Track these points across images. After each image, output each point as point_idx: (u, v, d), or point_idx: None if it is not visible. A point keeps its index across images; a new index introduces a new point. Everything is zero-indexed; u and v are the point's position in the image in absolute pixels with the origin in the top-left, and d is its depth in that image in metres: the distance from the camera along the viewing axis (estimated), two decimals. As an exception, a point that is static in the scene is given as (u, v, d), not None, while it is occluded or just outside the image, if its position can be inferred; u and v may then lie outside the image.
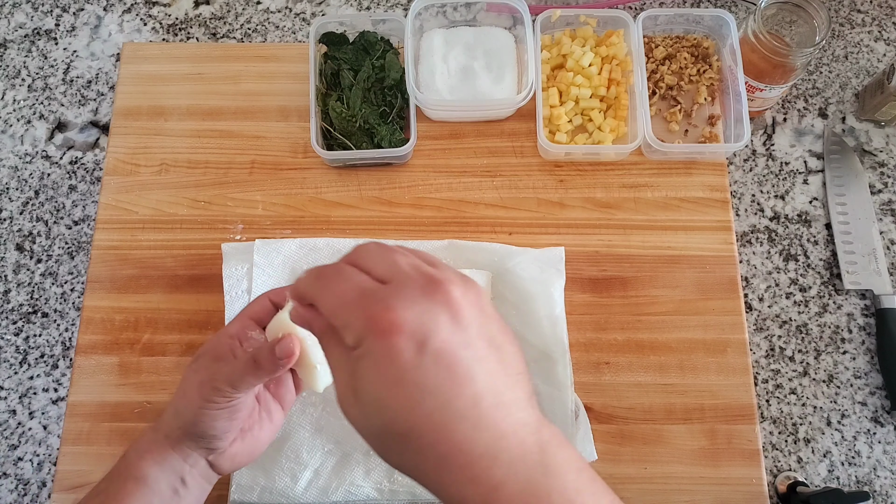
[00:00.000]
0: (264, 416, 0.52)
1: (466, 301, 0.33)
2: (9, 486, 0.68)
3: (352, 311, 0.33)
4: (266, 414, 0.52)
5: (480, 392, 0.32)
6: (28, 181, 0.77)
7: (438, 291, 0.33)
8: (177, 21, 0.83)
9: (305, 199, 0.72)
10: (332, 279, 0.35)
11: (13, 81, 0.81)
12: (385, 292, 0.33)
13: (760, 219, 0.76)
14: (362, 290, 0.34)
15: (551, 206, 0.72)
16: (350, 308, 0.33)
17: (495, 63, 0.74)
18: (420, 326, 0.32)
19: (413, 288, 0.33)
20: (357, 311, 0.33)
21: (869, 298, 0.73)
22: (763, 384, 0.70)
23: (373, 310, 0.32)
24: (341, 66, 0.73)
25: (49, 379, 0.71)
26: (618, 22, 0.74)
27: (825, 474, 0.68)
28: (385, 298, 0.32)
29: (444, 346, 0.32)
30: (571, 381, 0.65)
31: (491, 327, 0.34)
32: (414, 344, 0.31)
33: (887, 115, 0.77)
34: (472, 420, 0.31)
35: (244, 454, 0.51)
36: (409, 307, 0.32)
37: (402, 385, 0.31)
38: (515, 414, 0.33)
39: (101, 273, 0.70)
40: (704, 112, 0.75)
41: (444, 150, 0.74)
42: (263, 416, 0.52)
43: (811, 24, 0.70)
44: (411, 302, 0.32)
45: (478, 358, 0.32)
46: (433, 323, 0.32)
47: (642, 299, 0.69)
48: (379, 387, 0.32)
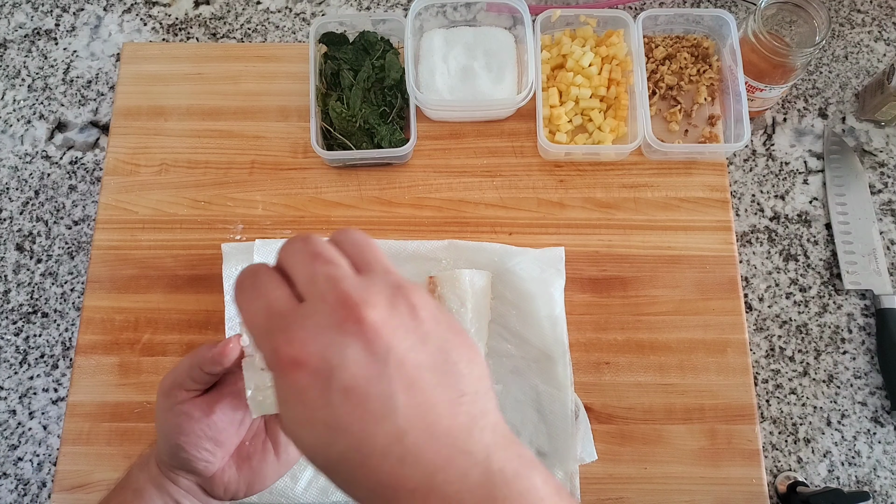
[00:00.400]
0: (269, 450, 0.47)
1: (390, 323, 0.29)
2: (9, 486, 0.68)
3: (259, 337, 0.30)
4: (274, 448, 0.47)
5: (403, 426, 0.28)
6: (28, 181, 0.77)
7: (349, 318, 0.29)
8: (177, 21, 0.83)
9: (305, 199, 0.72)
10: (247, 293, 0.32)
11: (13, 81, 0.81)
12: (291, 318, 0.30)
13: (760, 219, 0.76)
14: (270, 312, 0.30)
15: (551, 206, 0.72)
16: (258, 333, 0.31)
17: (495, 63, 0.74)
18: (324, 362, 0.28)
19: (322, 313, 0.29)
20: (263, 339, 0.30)
21: (869, 298, 0.73)
22: (763, 384, 0.70)
23: (276, 341, 0.29)
24: (341, 66, 0.73)
25: (49, 379, 0.71)
26: (618, 22, 0.74)
27: (825, 474, 0.68)
28: (288, 328, 0.29)
29: (353, 381, 0.28)
30: (571, 381, 0.65)
31: (429, 343, 0.30)
32: (319, 381, 0.28)
33: (887, 115, 0.77)
34: (395, 456, 0.28)
35: (240, 484, 0.46)
36: (314, 338, 0.29)
37: (312, 424, 0.29)
38: (457, 443, 0.29)
39: (101, 273, 0.70)
40: (704, 112, 0.75)
41: (444, 150, 0.74)
42: (268, 450, 0.47)
43: (811, 24, 0.70)
44: (316, 331, 0.29)
45: (402, 387, 0.29)
46: (339, 357, 0.28)
47: (642, 299, 0.69)
48: (292, 422, 0.29)
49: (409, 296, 0.30)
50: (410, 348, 0.29)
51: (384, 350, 0.29)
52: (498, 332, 0.66)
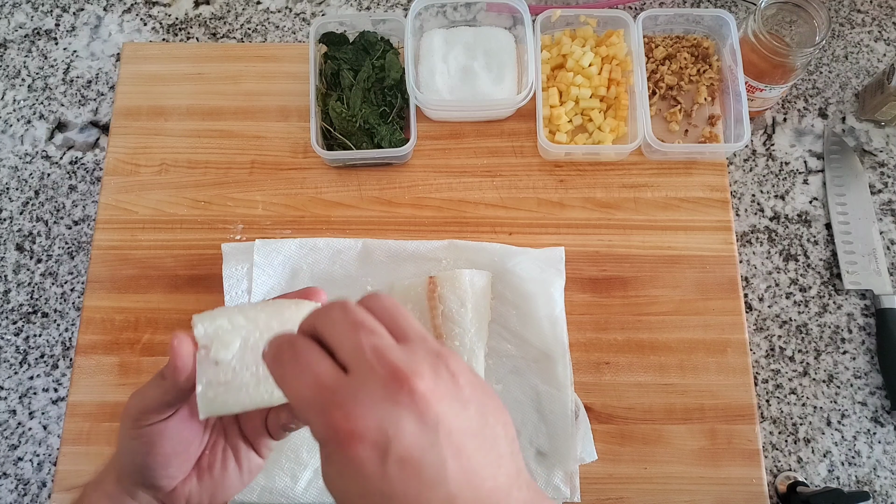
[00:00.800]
0: (230, 459, 0.45)
1: (437, 392, 0.30)
2: (9, 486, 0.68)
3: (311, 412, 0.31)
4: (235, 458, 0.45)
5: (454, 492, 0.30)
6: (28, 181, 0.77)
7: (402, 390, 0.30)
8: (177, 21, 0.83)
9: (305, 199, 0.72)
10: (290, 366, 0.32)
11: (13, 81, 0.81)
12: (344, 392, 0.30)
13: (760, 219, 0.76)
14: (320, 386, 0.31)
15: (551, 206, 0.72)
16: (309, 408, 0.31)
17: (495, 63, 0.74)
18: (381, 434, 0.29)
19: (374, 386, 0.30)
20: (316, 414, 0.30)
21: (869, 298, 0.73)
22: (763, 384, 0.70)
23: (332, 416, 0.30)
24: (341, 66, 0.73)
25: (49, 379, 0.71)
26: (618, 22, 0.74)
27: (825, 474, 0.68)
28: (344, 403, 0.30)
29: (409, 451, 0.29)
30: (571, 381, 0.65)
31: (470, 409, 0.31)
32: (377, 453, 0.29)
33: (887, 115, 0.77)
34: None
35: (201, 496, 0.44)
36: (369, 411, 0.29)
37: (370, 495, 0.29)
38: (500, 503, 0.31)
39: (101, 273, 0.70)
40: (704, 112, 0.75)
41: (444, 150, 0.74)
42: (229, 458, 0.45)
43: (811, 24, 0.70)
44: (371, 404, 0.30)
45: (451, 454, 0.30)
46: (395, 428, 0.29)
47: (642, 299, 0.69)
48: (344, 494, 0.30)
49: (448, 363, 0.32)
50: (456, 415, 0.31)
51: (434, 419, 0.30)
52: (498, 332, 0.66)
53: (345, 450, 0.29)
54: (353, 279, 0.68)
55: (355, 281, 0.68)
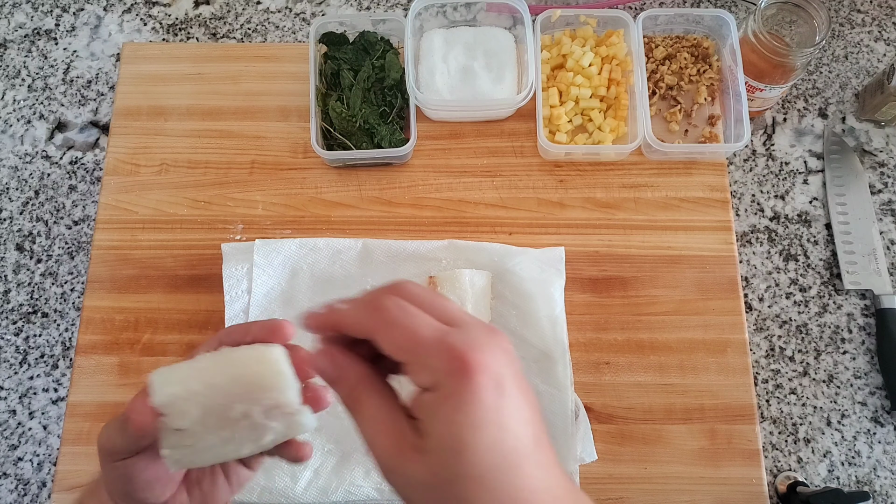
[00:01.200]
0: (219, 473, 0.45)
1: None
2: (9, 486, 0.68)
3: (432, 349, 0.32)
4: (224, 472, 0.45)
5: (538, 434, 0.33)
6: (28, 181, 0.77)
7: (499, 337, 0.33)
8: (177, 21, 0.83)
9: (305, 199, 0.72)
10: (397, 314, 0.33)
11: (13, 81, 0.81)
12: (462, 334, 0.32)
13: (760, 219, 0.76)
14: (438, 328, 0.33)
15: (551, 206, 0.72)
16: (430, 346, 0.32)
17: (495, 63, 0.74)
18: (498, 368, 0.32)
19: (480, 332, 0.33)
20: (439, 350, 0.32)
21: (869, 298, 0.73)
22: (763, 384, 0.70)
23: (458, 349, 0.31)
24: (341, 66, 0.73)
25: (49, 379, 0.71)
26: (618, 22, 0.74)
27: (825, 474, 0.68)
28: (465, 340, 0.32)
29: (515, 388, 0.32)
30: (571, 381, 0.65)
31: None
32: (494, 385, 0.31)
33: (887, 115, 0.77)
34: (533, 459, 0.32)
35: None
36: (486, 349, 0.32)
37: (486, 425, 0.31)
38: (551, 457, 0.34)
39: (101, 273, 0.70)
40: (704, 112, 0.75)
41: (444, 150, 0.74)
42: (218, 473, 0.45)
43: (811, 24, 0.70)
44: (485, 344, 0.32)
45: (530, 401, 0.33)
46: (505, 367, 0.32)
47: (642, 299, 0.69)
48: (462, 428, 0.31)
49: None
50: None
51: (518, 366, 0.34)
52: (498, 332, 0.66)
53: (470, 381, 0.31)
54: (353, 279, 0.68)
55: (355, 281, 0.68)
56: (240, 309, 0.67)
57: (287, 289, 0.67)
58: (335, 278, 0.67)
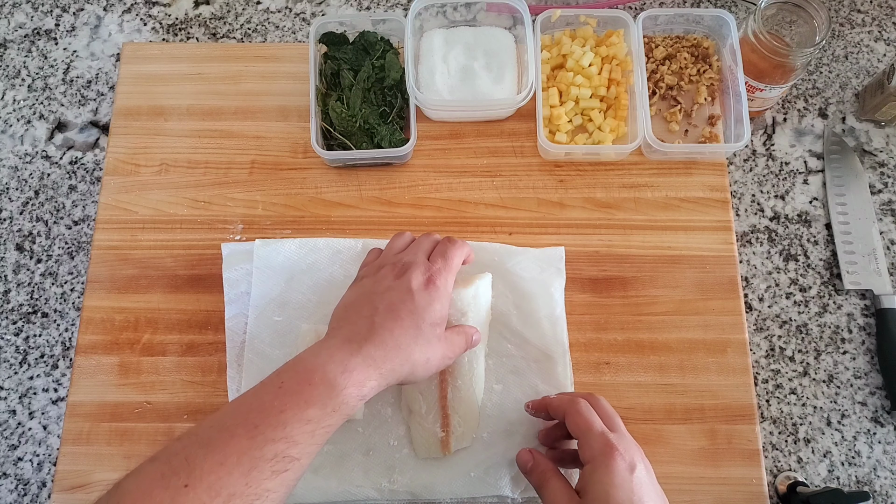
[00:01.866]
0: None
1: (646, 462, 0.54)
2: (9, 486, 0.68)
3: (596, 436, 0.52)
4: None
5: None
6: (28, 181, 0.77)
7: (639, 448, 0.53)
8: (177, 21, 0.83)
9: (305, 199, 0.72)
10: (584, 410, 0.54)
11: (13, 81, 0.81)
12: (616, 434, 0.53)
13: (760, 219, 0.76)
14: (603, 426, 0.53)
15: (551, 206, 0.72)
16: (595, 434, 0.52)
17: (495, 63, 0.74)
18: (631, 458, 0.51)
19: (628, 439, 0.54)
20: (599, 438, 0.52)
21: (869, 298, 0.73)
22: (763, 384, 0.70)
23: (611, 440, 0.51)
24: (341, 66, 0.73)
25: (49, 379, 0.71)
26: (618, 22, 0.74)
27: (825, 474, 0.68)
28: (617, 438, 0.52)
29: (643, 473, 0.51)
30: (571, 381, 0.65)
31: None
32: (628, 466, 0.50)
33: (887, 115, 0.77)
34: None
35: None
36: (628, 447, 0.52)
37: (622, 486, 0.49)
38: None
39: (101, 273, 0.70)
40: (704, 112, 0.75)
41: (444, 150, 0.74)
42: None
43: (811, 24, 0.70)
44: (628, 444, 0.52)
45: (658, 491, 0.52)
46: (639, 461, 0.52)
47: (642, 299, 0.69)
48: (607, 486, 0.49)
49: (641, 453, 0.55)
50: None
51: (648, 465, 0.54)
52: (498, 331, 0.66)
53: (615, 458, 0.50)
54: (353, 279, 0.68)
55: (355, 281, 0.67)
56: (240, 309, 0.67)
57: (287, 289, 0.67)
58: (335, 278, 0.67)
